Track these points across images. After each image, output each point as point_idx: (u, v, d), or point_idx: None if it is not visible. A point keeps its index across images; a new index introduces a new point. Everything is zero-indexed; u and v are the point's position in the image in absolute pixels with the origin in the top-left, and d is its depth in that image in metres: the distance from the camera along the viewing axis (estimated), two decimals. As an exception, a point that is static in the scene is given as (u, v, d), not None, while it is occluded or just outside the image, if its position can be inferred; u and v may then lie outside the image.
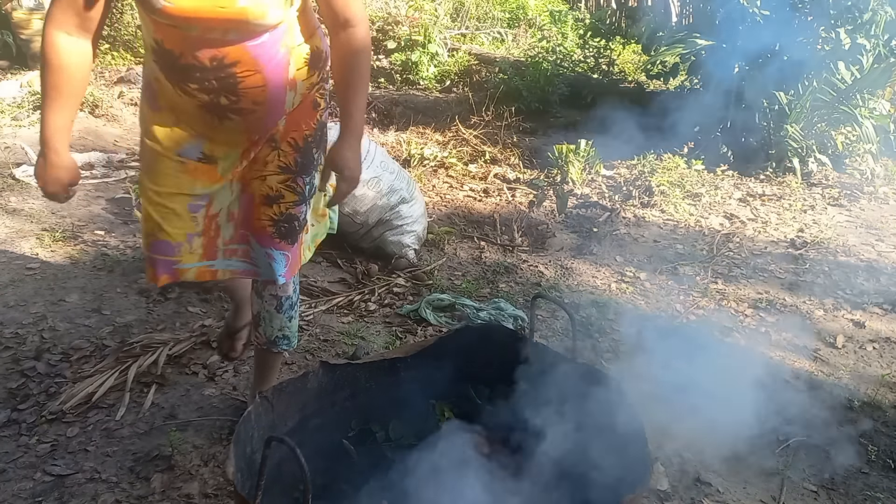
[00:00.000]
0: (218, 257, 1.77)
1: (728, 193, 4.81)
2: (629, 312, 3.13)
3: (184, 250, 1.69)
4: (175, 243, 1.67)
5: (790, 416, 2.43)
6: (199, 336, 2.61)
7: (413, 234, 3.43)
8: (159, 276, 1.70)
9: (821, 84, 5.00)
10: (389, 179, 3.38)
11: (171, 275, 1.71)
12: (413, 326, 2.90)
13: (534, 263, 3.61)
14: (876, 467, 2.26)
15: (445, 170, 4.80)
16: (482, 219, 4.10)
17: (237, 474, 1.22)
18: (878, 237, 4.23)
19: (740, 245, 3.97)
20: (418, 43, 6.80)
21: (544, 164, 4.97)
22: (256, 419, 1.42)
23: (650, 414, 1.48)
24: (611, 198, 4.52)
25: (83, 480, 1.92)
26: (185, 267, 1.72)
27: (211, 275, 1.78)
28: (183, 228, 1.67)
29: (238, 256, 1.81)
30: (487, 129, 5.59)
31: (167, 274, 1.71)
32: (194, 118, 1.56)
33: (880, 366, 2.87)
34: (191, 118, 1.56)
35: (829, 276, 3.64)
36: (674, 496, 2.05)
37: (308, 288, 3.06)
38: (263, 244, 1.77)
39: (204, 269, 1.76)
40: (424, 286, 3.24)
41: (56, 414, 2.14)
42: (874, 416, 2.50)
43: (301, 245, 1.85)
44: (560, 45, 6.96)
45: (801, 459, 2.26)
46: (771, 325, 3.10)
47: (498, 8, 8.95)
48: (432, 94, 6.59)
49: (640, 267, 3.63)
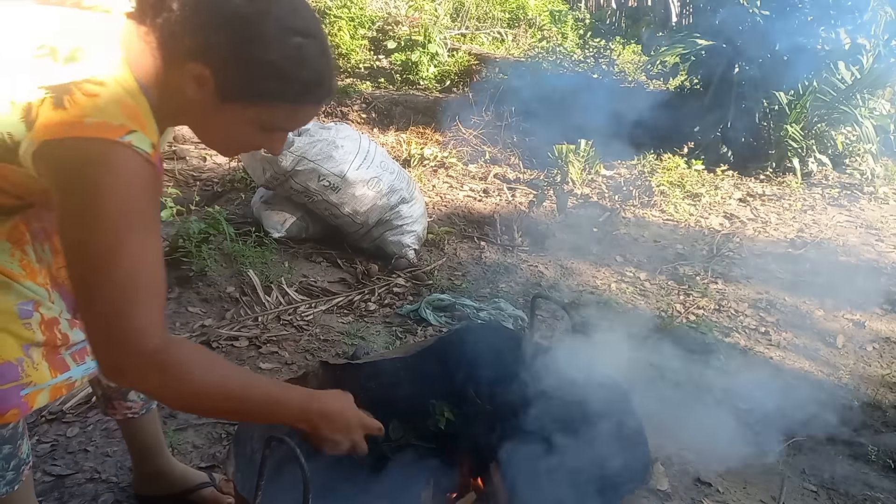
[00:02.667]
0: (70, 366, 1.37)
1: (728, 193, 4.81)
2: (629, 312, 3.13)
3: (26, 366, 1.26)
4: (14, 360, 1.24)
5: (790, 416, 2.43)
6: (199, 336, 2.62)
7: (413, 234, 3.43)
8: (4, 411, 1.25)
9: (821, 84, 5.00)
10: (389, 179, 3.38)
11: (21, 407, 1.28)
12: (413, 326, 2.90)
13: (534, 263, 3.61)
14: (876, 467, 2.26)
15: (445, 170, 4.80)
16: (482, 219, 4.10)
17: (237, 474, 1.21)
18: (878, 237, 4.22)
19: (740, 245, 3.97)
20: (418, 43, 6.79)
21: (544, 164, 4.96)
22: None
23: (650, 414, 1.48)
24: (611, 198, 4.52)
25: (83, 480, 1.92)
26: (37, 388, 1.29)
27: (68, 388, 1.39)
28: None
29: (89, 354, 1.40)
30: (487, 129, 5.59)
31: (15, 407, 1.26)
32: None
33: (880, 366, 2.87)
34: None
35: (829, 276, 3.63)
36: (674, 496, 2.05)
37: (308, 288, 3.06)
38: None
39: (59, 385, 1.34)
40: (424, 286, 3.24)
41: (56, 414, 2.14)
42: (874, 416, 2.50)
43: None
44: (560, 45, 6.96)
45: (801, 459, 2.26)
46: (771, 325, 3.10)
47: (498, 8, 8.95)
48: (432, 94, 6.58)
49: (640, 267, 3.63)
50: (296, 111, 1.11)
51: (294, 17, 1.05)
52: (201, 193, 3.87)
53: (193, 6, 1.01)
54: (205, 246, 3.03)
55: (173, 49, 1.04)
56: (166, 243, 3.12)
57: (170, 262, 3.01)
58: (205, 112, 1.08)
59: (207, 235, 3.09)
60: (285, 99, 1.08)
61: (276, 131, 1.14)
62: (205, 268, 2.96)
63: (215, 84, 1.04)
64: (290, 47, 1.04)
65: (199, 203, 3.69)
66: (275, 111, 1.09)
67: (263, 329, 2.74)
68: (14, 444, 1.38)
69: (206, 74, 1.03)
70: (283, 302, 2.92)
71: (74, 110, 0.95)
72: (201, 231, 3.08)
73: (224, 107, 1.07)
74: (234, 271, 3.04)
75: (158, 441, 1.80)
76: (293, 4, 1.07)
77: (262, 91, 1.06)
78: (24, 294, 1.27)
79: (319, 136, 3.35)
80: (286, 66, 1.04)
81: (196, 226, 3.06)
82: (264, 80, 1.05)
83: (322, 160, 3.25)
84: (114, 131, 0.96)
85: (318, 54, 1.09)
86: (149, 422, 1.75)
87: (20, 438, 1.40)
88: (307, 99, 1.11)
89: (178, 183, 4.01)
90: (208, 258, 2.99)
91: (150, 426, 1.76)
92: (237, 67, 1.03)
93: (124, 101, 0.99)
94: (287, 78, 1.06)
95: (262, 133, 1.13)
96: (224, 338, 2.64)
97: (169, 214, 3.43)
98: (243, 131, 1.12)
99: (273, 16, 1.03)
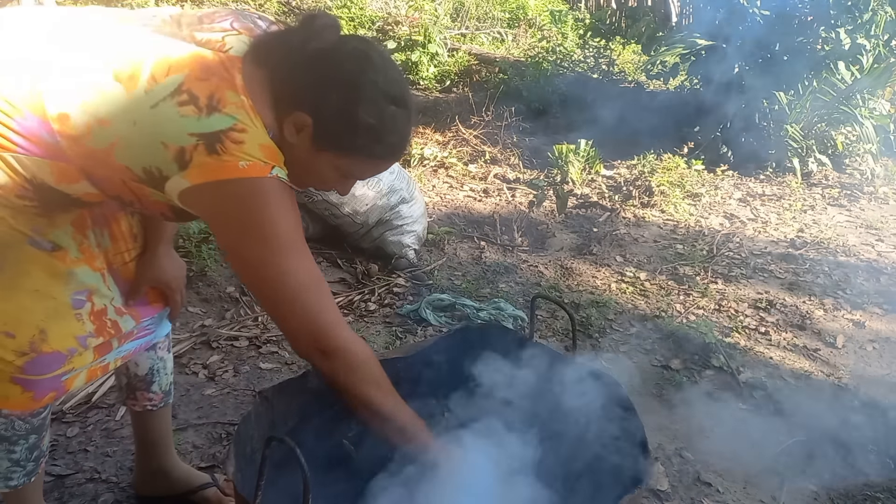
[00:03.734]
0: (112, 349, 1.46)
1: (728, 193, 4.81)
2: (629, 312, 3.13)
3: (76, 355, 1.36)
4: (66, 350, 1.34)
5: (790, 416, 2.44)
6: (199, 336, 2.62)
7: (413, 234, 3.43)
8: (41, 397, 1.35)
9: (821, 84, 5.00)
10: (389, 179, 3.38)
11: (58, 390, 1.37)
12: (413, 326, 2.90)
13: (534, 263, 3.61)
14: (876, 467, 2.26)
15: (445, 170, 4.80)
16: (482, 219, 4.10)
17: (237, 474, 1.21)
18: (878, 237, 4.22)
19: (740, 245, 3.97)
20: (418, 43, 6.79)
21: (544, 164, 4.96)
22: (256, 419, 1.42)
23: (650, 413, 1.48)
24: (611, 198, 4.52)
25: (83, 480, 1.92)
26: (76, 372, 1.39)
27: (102, 370, 1.48)
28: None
29: (132, 338, 1.53)
30: (487, 129, 5.59)
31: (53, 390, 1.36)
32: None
33: (880, 366, 2.87)
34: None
35: (829, 276, 3.64)
36: (674, 496, 2.05)
37: (308, 288, 3.06)
38: (163, 307, 1.61)
39: (95, 368, 1.44)
40: (424, 286, 3.24)
41: (56, 414, 2.14)
42: (874, 416, 2.50)
43: None
44: (560, 45, 6.96)
45: (801, 459, 2.26)
46: (771, 325, 3.10)
47: (498, 8, 8.95)
48: (432, 94, 6.58)
49: (640, 267, 3.63)
50: (376, 165, 1.28)
51: (392, 86, 1.21)
52: (201, 193, 3.87)
53: (307, 63, 1.17)
54: (205, 246, 3.03)
55: (283, 95, 1.18)
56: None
57: (170, 262, 3.01)
58: (296, 153, 1.21)
59: (207, 235, 3.09)
60: (372, 156, 1.25)
61: (352, 178, 1.31)
62: (205, 268, 2.96)
63: (313, 133, 1.19)
64: (387, 114, 1.20)
65: (199, 203, 3.69)
66: (359, 164, 1.26)
67: (263, 329, 2.74)
68: (40, 434, 1.43)
69: (308, 123, 1.18)
70: (283, 302, 2.92)
71: (228, 157, 1.10)
72: (201, 231, 3.08)
73: (317, 153, 1.22)
74: (234, 271, 3.04)
75: (167, 438, 1.81)
76: (393, 75, 1.23)
77: (355, 147, 1.22)
78: (79, 283, 1.35)
79: (319, 136, 3.35)
80: (381, 129, 1.21)
81: (196, 226, 3.06)
82: (360, 138, 1.21)
83: (322, 160, 3.25)
84: (263, 169, 1.13)
85: (406, 122, 1.26)
86: (163, 417, 1.78)
87: (46, 430, 1.45)
88: (389, 158, 1.28)
89: (178, 183, 4.00)
90: (208, 258, 2.99)
91: (163, 421, 1.79)
92: (339, 124, 1.19)
93: (263, 143, 1.14)
94: (378, 139, 1.22)
95: (341, 179, 1.29)
96: (224, 338, 2.64)
97: (169, 214, 3.42)
98: (326, 175, 1.27)
99: (378, 85, 1.19)
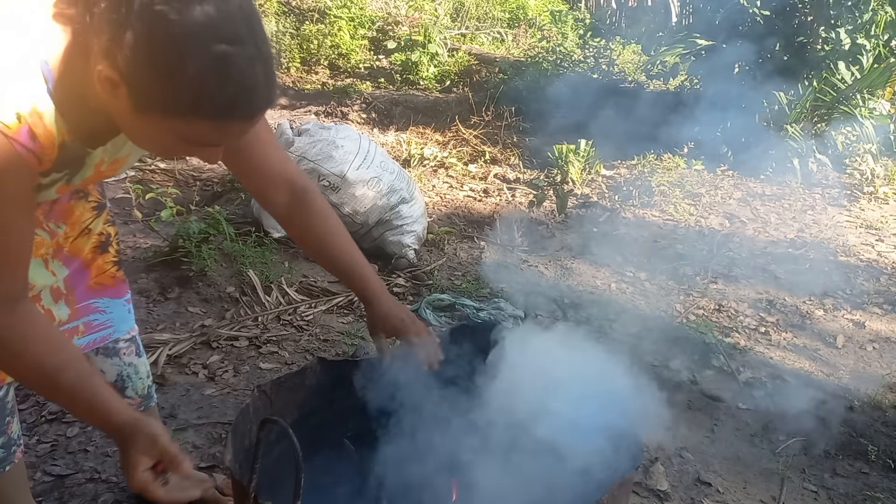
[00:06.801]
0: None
1: (728, 193, 4.80)
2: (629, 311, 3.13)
3: None
4: None
5: (790, 416, 2.43)
6: (199, 336, 2.62)
7: (413, 234, 3.43)
8: None
9: (821, 84, 5.00)
10: (389, 179, 3.38)
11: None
12: (413, 326, 2.90)
13: (534, 263, 3.61)
14: (876, 467, 2.26)
15: (445, 170, 4.80)
16: (482, 219, 4.10)
17: (234, 464, 1.21)
18: (878, 237, 4.22)
19: (740, 245, 3.97)
20: (418, 43, 6.80)
21: (544, 164, 4.96)
22: (255, 412, 1.42)
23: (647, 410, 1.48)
24: (611, 198, 4.52)
25: (83, 480, 1.92)
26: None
27: None
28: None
29: (79, 334, 1.45)
30: (487, 129, 5.60)
31: None
32: None
33: (880, 366, 2.87)
34: None
35: (829, 276, 3.63)
36: (674, 496, 2.05)
37: (308, 288, 3.06)
38: (121, 294, 1.54)
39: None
40: (424, 286, 3.24)
41: (56, 414, 2.13)
42: (874, 416, 2.50)
43: None
44: (560, 45, 6.95)
45: (801, 459, 2.26)
46: (771, 325, 3.10)
47: (498, 8, 8.95)
48: (432, 94, 6.58)
49: (640, 267, 3.63)
50: (221, 128, 0.94)
51: (222, 19, 0.86)
52: (201, 193, 3.87)
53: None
54: (205, 246, 3.03)
55: (90, 44, 0.90)
56: (167, 243, 3.12)
57: (170, 262, 3.01)
58: (124, 117, 0.95)
59: (207, 235, 3.09)
60: (205, 116, 0.90)
61: (200, 144, 0.99)
62: (205, 268, 2.96)
63: (128, 91, 0.89)
64: (211, 58, 0.86)
65: (198, 203, 3.69)
66: (195, 127, 0.92)
67: (263, 329, 2.74)
68: (2, 420, 1.35)
69: (117, 79, 0.88)
70: (283, 302, 2.92)
71: None
72: (201, 231, 3.08)
73: (141, 116, 0.92)
74: (234, 271, 3.04)
75: None
76: (228, 7, 0.87)
77: (175, 105, 0.89)
78: None
79: (319, 136, 3.35)
80: (205, 79, 0.87)
81: (196, 226, 3.06)
82: (178, 93, 0.88)
83: (322, 160, 3.25)
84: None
85: (248, 65, 0.89)
86: (154, 414, 1.76)
87: (9, 415, 1.37)
88: (233, 116, 0.93)
89: (178, 183, 4.00)
90: (208, 258, 2.99)
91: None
92: (152, 77, 0.87)
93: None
94: (205, 93, 0.88)
95: (189, 145, 0.98)
96: (224, 338, 2.64)
97: (169, 214, 3.43)
98: (167, 142, 0.97)
99: (194, 17, 0.84)
